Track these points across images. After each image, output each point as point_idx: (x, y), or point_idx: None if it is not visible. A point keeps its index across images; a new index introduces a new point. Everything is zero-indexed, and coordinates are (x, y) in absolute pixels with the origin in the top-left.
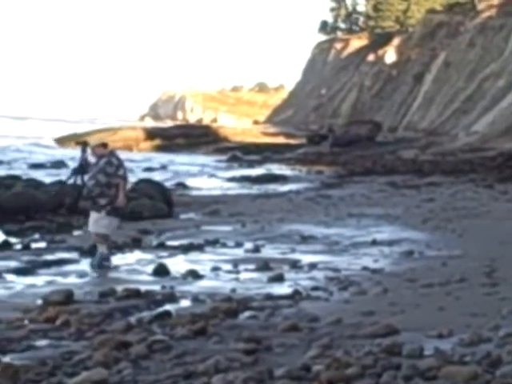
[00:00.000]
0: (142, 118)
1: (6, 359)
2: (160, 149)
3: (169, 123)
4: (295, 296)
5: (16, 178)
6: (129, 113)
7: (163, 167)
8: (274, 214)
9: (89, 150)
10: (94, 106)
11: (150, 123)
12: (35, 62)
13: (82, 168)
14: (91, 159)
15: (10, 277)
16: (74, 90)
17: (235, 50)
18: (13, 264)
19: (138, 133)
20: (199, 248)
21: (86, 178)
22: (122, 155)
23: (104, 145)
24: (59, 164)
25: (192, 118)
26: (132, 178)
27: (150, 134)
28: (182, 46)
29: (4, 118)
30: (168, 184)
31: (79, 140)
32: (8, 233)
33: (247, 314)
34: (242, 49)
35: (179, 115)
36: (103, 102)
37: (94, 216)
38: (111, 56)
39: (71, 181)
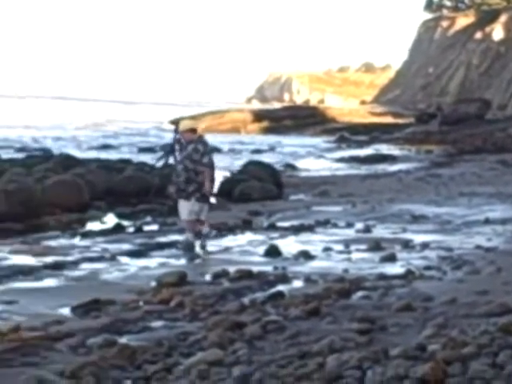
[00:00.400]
0: (249, 101)
1: (123, 340)
2: (267, 131)
3: (275, 105)
4: (408, 276)
5: (127, 161)
6: (236, 95)
7: (271, 149)
8: (384, 194)
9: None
10: (202, 89)
11: (256, 105)
12: (143, 47)
13: (173, 149)
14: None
15: (123, 259)
16: (183, 73)
17: (341, 31)
18: (126, 247)
19: (246, 115)
20: (310, 229)
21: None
22: (230, 137)
23: (193, 130)
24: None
25: (299, 100)
26: (240, 161)
27: (258, 116)
28: (288, 27)
29: (116, 103)
30: (277, 165)
31: (174, 120)
32: (120, 216)
33: (360, 294)
34: (348, 29)
35: (286, 97)
36: (211, 85)
37: (185, 204)
38: (219, 39)
39: (161, 163)
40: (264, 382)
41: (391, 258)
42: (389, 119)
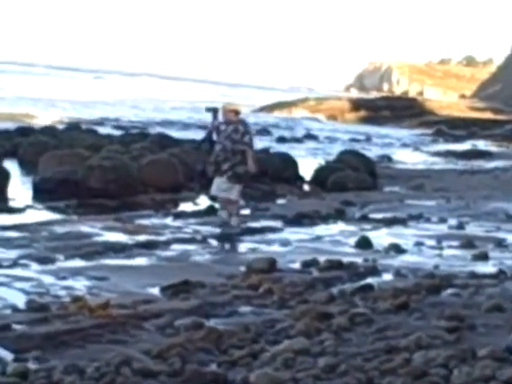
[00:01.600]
0: (348, 89)
1: (210, 324)
2: (364, 120)
3: (374, 94)
4: (500, 275)
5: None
6: (335, 83)
7: (368, 139)
8: (479, 190)
9: (220, 116)
10: (302, 75)
11: (354, 94)
12: (250, 32)
13: (211, 135)
14: (222, 126)
15: (214, 242)
16: (285, 58)
17: (443, 23)
18: (217, 230)
19: (344, 103)
20: (402, 222)
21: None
22: (327, 125)
23: (235, 111)
24: (263, 132)
25: (398, 90)
26: (337, 149)
27: (356, 104)
28: (390, 17)
29: (218, 85)
30: (372, 156)
31: (209, 106)
32: (213, 198)
33: (450, 291)
34: (450, 21)
35: (385, 87)
36: (311, 71)
37: (217, 180)
38: (322, 25)
39: (206, 147)
40: (349, 374)
41: (483, 257)
42: (488, 115)
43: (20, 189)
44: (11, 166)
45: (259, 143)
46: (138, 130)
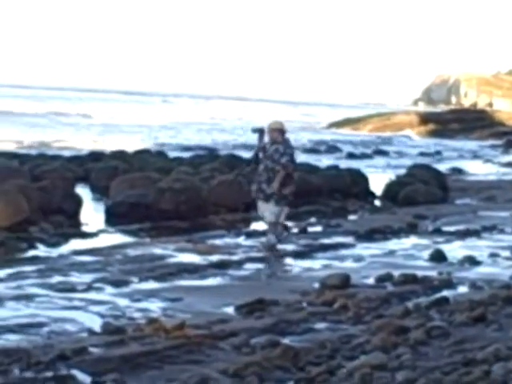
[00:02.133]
0: (415, 103)
1: (286, 341)
2: (433, 133)
3: (442, 107)
4: None
5: None
6: (403, 97)
7: (437, 152)
8: None
9: (265, 137)
10: (369, 91)
11: (422, 108)
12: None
13: (257, 156)
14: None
15: (287, 260)
16: (348, 73)
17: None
18: (290, 247)
19: (412, 117)
20: (476, 234)
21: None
22: (397, 139)
23: (281, 131)
24: (332, 149)
25: (466, 103)
26: (407, 162)
27: (424, 118)
28: (458, 28)
29: (278, 104)
30: (442, 169)
31: (255, 127)
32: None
33: None
34: None
35: (453, 99)
36: (378, 87)
37: (262, 206)
38: (385, 40)
39: (252, 168)
40: None
41: None
42: None
43: (92, 213)
44: (83, 191)
45: (330, 160)
46: (206, 152)
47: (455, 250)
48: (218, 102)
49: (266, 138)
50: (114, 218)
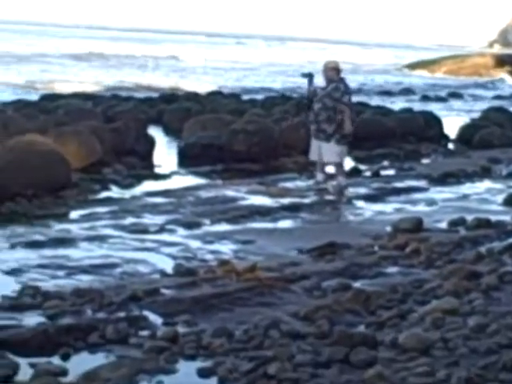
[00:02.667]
0: (491, 45)
1: (357, 285)
2: (510, 76)
3: None
4: None
5: (365, 104)
6: (477, 39)
7: None
8: None
9: (317, 80)
10: (441, 32)
11: (498, 50)
12: None
13: (310, 102)
14: (319, 91)
15: (359, 203)
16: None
17: None
18: (362, 191)
19: (487, 60)
20: None
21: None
22: (471, 81)
23: (336, 69)
24: (407, 91)
25: None
26: (483, 105)
27: (500, 60)
28: None
29: (349, 46)
30: None
31: (304, 72)
32: (357, 159)
33: None
34: None
35: None
36: (449, 28)
37: (324, 146)
38: None
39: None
40: (500, 333)
41: None
42: None
43: (165, 155)
44: (156, 132)
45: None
46: (278, 94)
47: None
48: (292, 44)
49: (319, 81)
50: (186, 160)
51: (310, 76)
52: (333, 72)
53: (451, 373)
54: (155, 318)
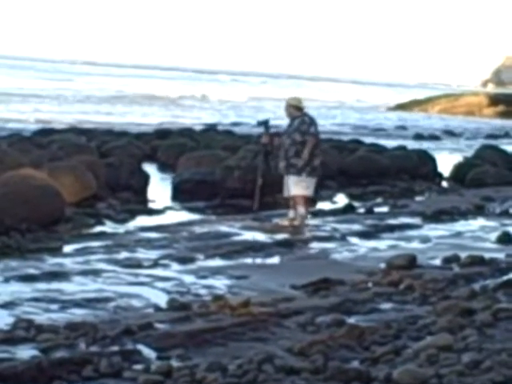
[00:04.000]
0: (484, 84)
1: (352, 320)
2: (503, 115)
3: None
4: None
5: (359, 142)
6: (470, 78)
7: (506, 134)
8: None
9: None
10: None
11: (491, 89)
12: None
13: (266, 150)
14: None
15: (353, 240)
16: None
17: None
18: (356, 227)
19: (481, 99)
20: None
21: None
22: (464, 121)
23: (298, 108)
24: (400, 129)
25: None
26: (475, 146)
27: (494, 100)
28: None
29: (342, 83)
30: None
31: (260, 120)
32: (351, 196)
33: None
34: None
35: None
36: (444, 67)
37: (293, 179)
38: (454, 20)
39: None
40: (494, 370)
41: None
42: None
43: (159, 190)
44: (150, 168)
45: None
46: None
47: None
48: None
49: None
50: (180, 195)
51: (265, 123)
52: (294, 109)
53: None
54: (149, 352)
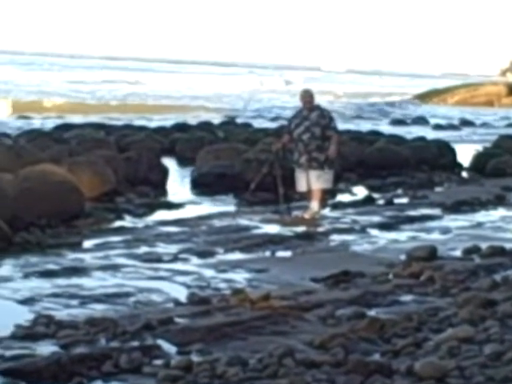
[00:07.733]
0: (504, 73)
1: (372, 313)
2: None
3: None
4: None
5: (379, 133)
6: (489, 67)
7: None
8: None
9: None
10: (455, 61)
11: (510, 78)
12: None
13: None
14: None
15: (373, 231)
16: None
17: None
18: (376, 219)
19: (500, 88)
20: None
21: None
22: (483, 111)
23: (313, 97)
24: (420, 120)
25: None
26: (495, 135)
27: None
28: None
29: (357, 74)
30: None
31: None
32: (371, 188)
33: None
34: None
35: None
36: (464, 56)
37: (315, 173)
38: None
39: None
40: None
41: None
42: None
43: (178, 184)
44: (169, 162)
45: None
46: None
47: None
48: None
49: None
50: (199, 189)
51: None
52: (311, 99)
53: None
54: (169, 347)
